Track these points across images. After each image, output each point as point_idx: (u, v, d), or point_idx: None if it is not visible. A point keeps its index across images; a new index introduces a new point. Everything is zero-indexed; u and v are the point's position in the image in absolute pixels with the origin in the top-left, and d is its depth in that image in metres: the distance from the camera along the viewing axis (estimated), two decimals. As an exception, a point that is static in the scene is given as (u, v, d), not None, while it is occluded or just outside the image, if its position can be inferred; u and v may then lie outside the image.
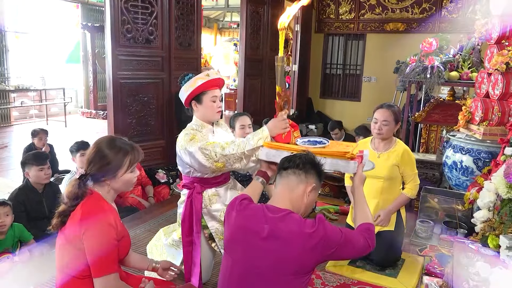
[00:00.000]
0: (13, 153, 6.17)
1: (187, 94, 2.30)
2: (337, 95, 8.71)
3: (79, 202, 1.61)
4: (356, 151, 1.93)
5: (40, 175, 3.09)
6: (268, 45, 6.89)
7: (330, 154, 1.87)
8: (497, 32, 3.40)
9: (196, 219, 2.33)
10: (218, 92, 2.34)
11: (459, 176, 3.57)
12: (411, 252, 3.10)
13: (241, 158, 2.14)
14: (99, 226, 1.56)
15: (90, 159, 1.66)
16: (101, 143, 1.68)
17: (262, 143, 2.07)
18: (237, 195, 1.74)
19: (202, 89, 2.28)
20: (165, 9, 4.59)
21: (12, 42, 8.79)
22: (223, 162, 2.15)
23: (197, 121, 2.36)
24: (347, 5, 8.18)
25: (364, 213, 1.68)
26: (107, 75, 4.29)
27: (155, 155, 4.77)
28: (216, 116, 2.36)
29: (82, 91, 10.40)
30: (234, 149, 2.13)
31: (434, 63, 4.20)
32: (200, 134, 2.29)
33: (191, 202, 2.34)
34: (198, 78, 2.27)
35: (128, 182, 1.71)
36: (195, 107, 2.35)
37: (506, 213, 2.47)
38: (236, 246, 1.55)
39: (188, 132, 2.29)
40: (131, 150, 1.69)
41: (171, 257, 2.50)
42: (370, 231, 1.60)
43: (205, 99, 2.30)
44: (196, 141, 2.20)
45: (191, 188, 2.36)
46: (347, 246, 1.50)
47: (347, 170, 1.86)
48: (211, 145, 2.16)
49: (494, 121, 3.38)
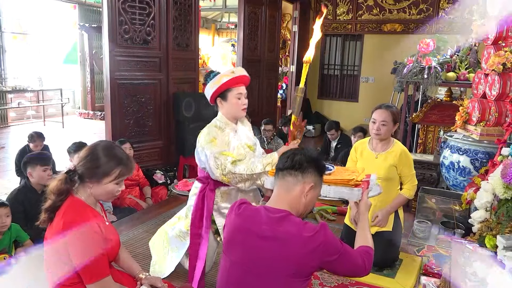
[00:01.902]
0: (10, 154, 6.15)
1: (213, 91, 2.30)
2: (335, 95, 8.73)
3: (63, 199, 1.59)
4: (362, 176, 1.90)
5: (44, 175, 3.09)
6: (266, 45, 6.90)
7: (334, 182, 1.82)
8: (494, 33, 3.41)
9: (207, 215, 2.34)
10: (243, 89, 2.34)
11: (456, 176, 3.58)
12: (409, 252, 3.10)
13: (247, 180, 2.20)
14: (82, 235, 1.53)
15: (83, 157, 1.64)
16: (98, 146, 1.67)
17: (270, 168, 2.09)
18: (236, 200, 1.74)
19: (227, 86, 2.28)
20: (162, 10, 4.59)
21: (9, 43, 8.77)
22: (229, 179, 2.20)
23: (222, 118, 2.37)
24: (344, 6, 8.20)
25: (365, 237, 1.64)
26: (105, 76, 4.29)
27: (153, 156, 4.76)
28: (241, 113, 2.36)
29: (80, 92, 10.38)
30: (244, 169, 2.16)
31: (432, 64, 4.21)
32: (221, 134, 2.30)
33: (203, 197, 2.35)
34: (223, 75, 2.28)
35: (110, 193, 1.66)
36: (220, 104, 2.35)
37: (503, 213, 2.47)
38: (234, 247, 1.54)
39: (210, 131, 2.30)
40: (124, 163, 1.66)
41: (175, 250, 2.50)
42: (369, 254, 1.56)
43: (230, 96, 2.30)
44: (214, 145, 2.23)
45: (205, 183, 2.37)
46: (346, 260, 1.47)
47: (351, 198, 1.82)
48: (224, 157, 2.19)
49: (491, 122, 3.39)
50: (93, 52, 9.76)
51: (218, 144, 2.24)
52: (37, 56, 9.55)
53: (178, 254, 2.50)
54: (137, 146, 4.33)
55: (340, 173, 1.95)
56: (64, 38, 10.13)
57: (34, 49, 9.50)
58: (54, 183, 1.61)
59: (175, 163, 4.89)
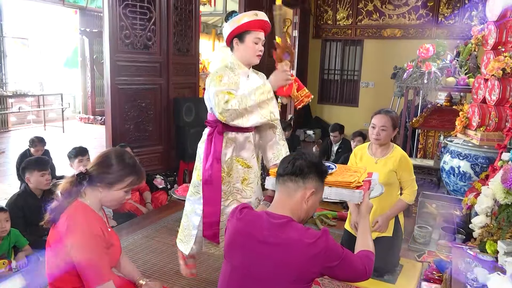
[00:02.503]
0: (10, 159, 6.15)
1: (231, 30, 2.21)
2: (335, 100, 8.74)
3: (71, 201, 1.59)
4: (364, 176, 1.87)
5: (41, 180, 3.08)
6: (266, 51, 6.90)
7: (335, 184, 1.80)
8: (493, 38, 3.42)
9: (217, 157, 2.27)
10: (262, 35, 2.24)
11: (456, 181, 3.58)
12: (409, 258, 3.10)
13: (242, 114, 2.11)
14: (86, 239, 1.54)
15: (97, 161, 1.65)
16: (113, 152, 1.68)
17: (264, 98, 2.07)
18: (237, 204, 1.71)
19: (247, 28, 2.19)
20: (163, 15, 4.61)
21: (11, 48, 8.80)
22: (225, 117, 2.11)
23: (234, 60, 2.29)
24: (344, 11, 8.23)
25: (366, 241, 1.63)
26: (105, 81, 4.30)
27: (153, 160, 4.76)
28: (255, 60, 2.29)
29: (80, 97, 10.39)
30: (236, 104, 2.08)
31: (431, 69, 4.22)
32: (231, 74, 2.23)
33: (211, 141, 2.29)
34: (245, 15, 2.18)
35: (118, 200, 1.67)
36: (236, 45, 2.26)
37: (504, 218, 2.47)
38: (235, 252, 1.54)
39: (219, 69, 2.24)
40: (136, 173, 1.68)
41: (192, 226, 2.42)
42: (369, 259, 1.55)
43: (248, 39, 2.21)
44: (218, 82, 2.15)
45: (213, 127, 2.31)
46: (347, 265, 1.46)
47: (353, 200, 1.80)
48: (222, 94, 2.10)
49: (491, 127, 3.39)
50: (94, 57, 9.78)
51: (224, 82, 2.16)
52: (38, 61, 9.59)
53: (194, 224, 2.40)
54: (137, 151, 4.33)
55: (342, 172, 1.92)
56: (65, 43, 10.17)
57: (35, 54, 9.53)
58: (63, 185, 1.61)
59: (175, 168, 4.89)
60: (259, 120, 2.18)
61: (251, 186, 2.38)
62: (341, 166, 2.04)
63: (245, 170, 2.36)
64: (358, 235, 1.69)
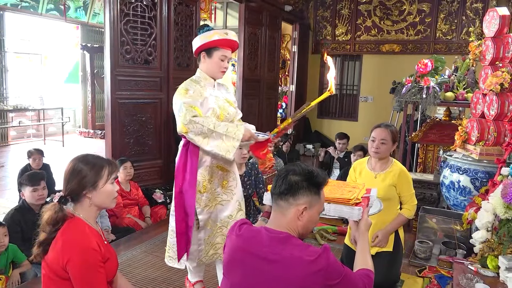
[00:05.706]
0: (9, 173, 6.14)
1: (201, 43, 2.34)
2: (334, 115, 8.77)
3: (59, 227, 1.57)
4: (363, 192, 1.87)
5: (34, 195, 3.06)
6: (265, 65, 6.97)
7: (333, 201, 1.79)
8: (491, 53, 3.46)
9: (191, 170, 2.31)
10: (229, 54, 2.39)
11: (456, 196, 3.57)
12: (410, 273, 3.07)
13: (206, 134, 2.18)
14: (82, 253, 1.53)
15: (67, 178, 1.63)
16: (75, 160, 1.67)
17: (232, 135, 2.16)
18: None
19: (216, 45, 2.32)
20: (164, 31, 4.66)
21: (12, 62, 8.86)
22: (188, 129, 2.17)
23: (200, 73, 2.42)
24: (343, 27, 8.32)
25: (365, 259, 1.61)
26: (106, 95, 4.32)
27: (153, 175, 4.76)
28: (219, 75, 2.41)
29: (80, 111, 10.44)
30: (203, 121, 2.16)
31: (430, 84, 4.24)
32: (198, 86, 2.33)
33: (187, 152, 2.33)
34: (216, 33, 2.32)
35: (110, 195, 1.66)
36: (203, 58, 2.39)
37: (505, 233, 2.45)
38: (235, 269, 1.51)
39: (185, 84, 2.34)
40: (106, 163, 1.68)
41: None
42: (369, 278, 1.53)
43: (216, 55, 2.34)
44: (184, 95, 2.25)
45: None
46: (348, 283, 1.43)
47: (352, 217, 1.79)
48: (191, 108, 2.19)
49: (490, 141, 3.40)
50: (95, 71, 9.85)
51: (190, 94, 2.26)
52: (39, 75, 9.65)
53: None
54: (137, 165, 4.33)
55: (341, 188, 1.92)
56: (66, 58, 10.25)
57: (36, 68, 9.60)
58: (47, 214, 1.59)
59: (175, 182, 4.88)
60: (215, 150, 2.21)
61: (230, 189, 2.46)
62: (339, 182, 2.07)
63: (225, 174, 2.44)
64: (357, 253, 1.67)
